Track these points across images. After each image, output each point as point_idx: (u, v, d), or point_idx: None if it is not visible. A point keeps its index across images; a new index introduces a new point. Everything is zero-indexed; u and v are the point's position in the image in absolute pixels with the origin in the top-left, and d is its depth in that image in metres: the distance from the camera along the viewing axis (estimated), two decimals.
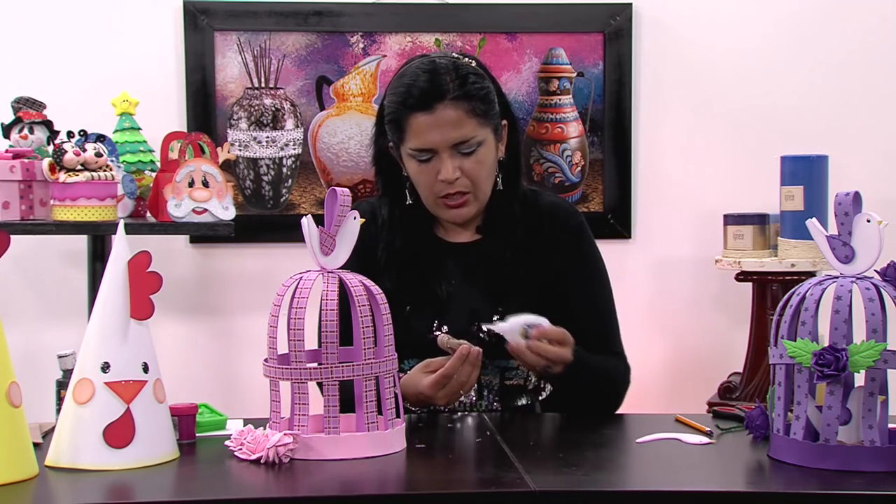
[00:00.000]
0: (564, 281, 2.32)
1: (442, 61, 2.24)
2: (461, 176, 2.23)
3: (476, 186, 2.26)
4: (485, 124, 2.24)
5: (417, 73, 2.23)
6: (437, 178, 2.23)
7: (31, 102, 3.12)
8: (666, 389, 3.70)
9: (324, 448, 1.81)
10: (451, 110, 2.20)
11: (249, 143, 3.59)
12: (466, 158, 2.23)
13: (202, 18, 3.54)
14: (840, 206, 1.83)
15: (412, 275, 2.31)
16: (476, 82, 2.23)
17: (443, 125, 2.20)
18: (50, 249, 3.49)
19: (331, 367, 1.82)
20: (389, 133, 2.29)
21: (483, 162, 2.25)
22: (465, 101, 2.21)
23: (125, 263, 1.82)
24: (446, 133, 2.20)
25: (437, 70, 2.22)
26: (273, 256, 3.62)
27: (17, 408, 1.73)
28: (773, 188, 3.39)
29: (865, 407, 1.77)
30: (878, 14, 3.70)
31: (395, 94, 2.26)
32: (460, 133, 2.21)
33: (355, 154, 3.62)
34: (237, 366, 3.64)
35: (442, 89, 2.20)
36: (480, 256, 2.33)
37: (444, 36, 3.62)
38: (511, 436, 1.99)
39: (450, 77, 2.21)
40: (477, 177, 2.25)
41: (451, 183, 2.23)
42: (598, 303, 2.35)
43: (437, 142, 2.21)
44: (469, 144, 2.22)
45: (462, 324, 2.25)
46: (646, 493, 1.74)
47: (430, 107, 2.20)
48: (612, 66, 3.65)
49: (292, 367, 1.83)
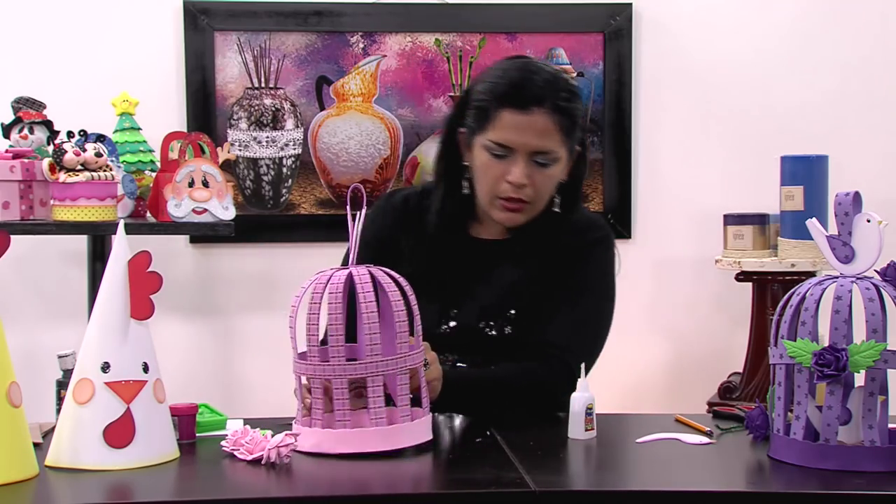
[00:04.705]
0: (561, 284, 2.30)
1: (548, 69, 2.23)
2: (528, 185, 2.21)
3: (537, 198, 2.24)
4: (566, 143, 2.22)
5: (523, 70, 2.21)
6: (505, 177, 2.20)
7: (31, 102, 3.12)
8: (666, 389, 3.70)
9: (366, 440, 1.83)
10: (544, 118, 2.17)
11: (249, 143, 3.59)
12: (539, 169, 2.20)
13: (202, 18, 3.54)
14: (840, 206, 1.83)
15: (434, 264, 2.30)
16: (573, 101, 2.21)
17: (531, 130, 2.18)
18: (50, 249, 3.49)
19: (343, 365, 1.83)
20: (470, 118, 2.24)
21: (552, 178, 2.23)
22: (558, 114, 2.18)
23: (125, 263, 1.82)
24: (532, 139, 2.18)
25: (542, 75, 2.20)
26: (273, 256, 3.62)
27: (17, 408, 1.73)
28: (773, 188, 3.39)
29: (865, 407, 1.77)
30: (878, 14, 3.70)
31: (492, 83, 2.22)
32: (544, 143, 2.19)
33: (355, 154, 3.62)
34: (237, 366, 3.64)
35: (543, 95, 2.17)
36: (503, 257, 2.30)
37: (444, 36, 3.62)
38: (511, 436, 1.99)
39: (553, 87, 2.19)
40: (542, 190, 2.23)
41: (517, 188, 2.21)
42: (577, 313, 2.26)
43: (519, 143, 2.18)
44: (547, 157, 2.20)
45: (470, 319, 2.26)
46: (646, 493, 1.73)
47: (527, 108, 2.17)
48: (612, 66, 3.66)
49: (307, 363, 1.85)
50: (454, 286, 2.28)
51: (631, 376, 3.60)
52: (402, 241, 2.33)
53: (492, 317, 2.26)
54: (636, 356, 3.59)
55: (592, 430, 1.98)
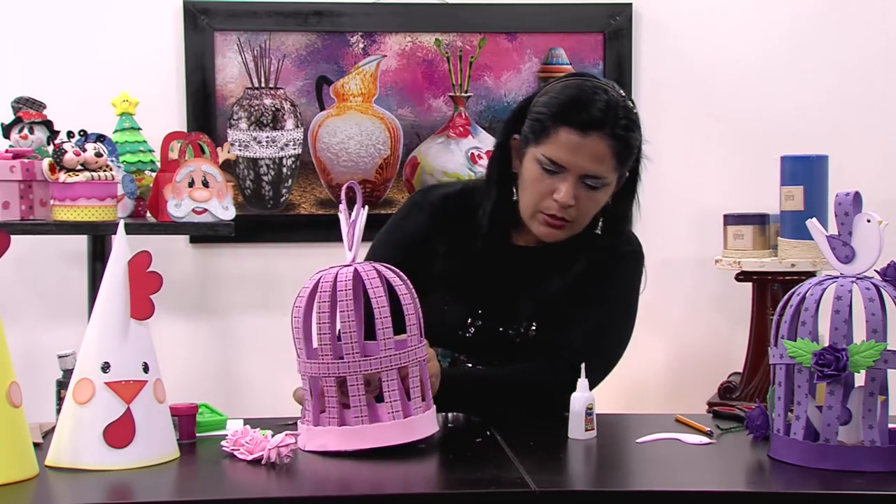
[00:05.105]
0: (585, 294, 2.29)
1: (612, 93, 2.19)
2: (574, 206, 2.19)
3: (580, 219, 2.22)
4: (618, 169, 2.20)
5: (592, 91, 2.18)
6: (553, 195, 2.18)
7: (31, 102, 3.12)
8: (666, 389, 3.70)
9: (365, 436, 1.84)
10: (602, 144, 2.15)
11: (249, 143, 3.59)
12: (587, 191, 2.19)
13: (202, 18, 3.54)
14: (840, 206, 1.83)
15: (468, 266, 2.29)
16: (632, 130, 2.19)
17: (587, 153, 2.15)
18: (50, 249, 3.49)
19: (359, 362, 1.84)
20: (528, 129, 2.22)
21: (598, 202, 2.22)
22: (617, 141, 2.16)
23: (125, 263, 1.82)
24: (586, 162, 2.16)
25: (609, 100, 2.16)
26: (273, 256, 3.62)
27: (18, 408, 1.73)
28: (773, 188, 3.39)
29: (865, 407, 1.77)
30: (878, 14, 3.70)
31: (556, 98, 2.19)
32: (597, 168, 2.17)
33: (355, 154, 3.62)
34: (237, 366, 3.64)
35: (605, 120, 2.15)
36: (536, 265, 2.29)
37: (444, 36, 3.62)
38: (511, 436, 1.99)
39: (617, 113, 2.16)
40: (586, 212, 2.22)
41: (563, 207, 2.19)
42: (595, 321, 2.25)
43: (572, 164, 2.16)
44: (597, 181, 2.18)
45: (495, 323, 2.25)
46: (646, 493, 1.73)
47: (587, 131, 2.14)
48: (612, 66, 3.65)
49: (318, 362, 1.85)
50: (483, 289, 2.28)
51: (631, 376, 3.59)
52: (436, 240, 2.31)
53: (516, 322, 2.25)
54: (636, 356, 3.56)
55: (592, 430, 1.98)
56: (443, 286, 2.24)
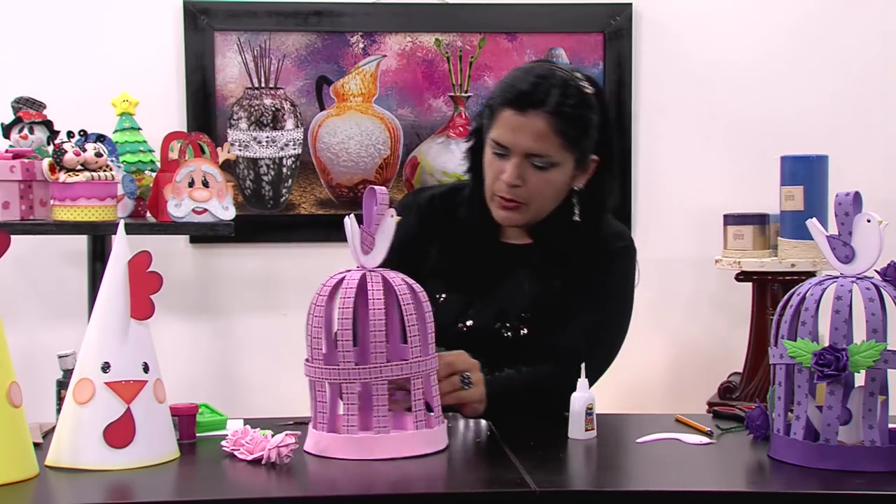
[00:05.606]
0: (581, 292, 2.30)
1: (559, 73, 2.22)
2: (522, 186, 2.21)
3: (533, 200, 2.24)
4: (567, 149, 2.21)
5: (530, 73, 2.22)
6: (500, 175, 2.23)
7: (31, 102, 3.12)
8: (666, 389, 3.70)
9: (375, 447, 1.83)
10: (540, 121, 2.18)
11: (249, 143, 3.59)
12: (535, 171, 2.21)
13: (202, 18, 3.54)
14: (840, 206, 1.83)
15: (458, 262, 2.30)
16: (578, 107, 2.20)
17: (525, 131, 2.18)
18: (50, 249, 3.49)
19: (380, 367, 1.83)
20: (484, 116, 2.28)
21: (550, 182, 2.23)
22: (557, 118, 2.18)
23: (125, 263, 1.82)
24: (526, 140, 2.19)
25: (547, 78, 2.20)
26: (273, 256, 3.62)
27: (18, 408, 1.73)
28: (773, 188, 3.39)
29: (865, 407, 1.77)
30: (879, 15, 3.70)
31: (503, 83, 2.26)
32: (540, 146, 2.19)
33: (355, 154, 3.62)
34: (237, 366, 3.64)
35: (540, 97, 2.18)
36: (526, 261, 2.31)
37: (444, 36, 3.62)
38: (511, 436, 1.99)
39: (557, 90, 2.18)
40: (537, 194, 2.23)
41: (510, 187, 2.21)
42: (589, 322, 2.26)
43: (514, 143, 2.20)
44: (543, 160, 2.20)
45: (488, 320, 2.26)
46: (646, 493, 1.74)
47: (523, 109, 2.18)
48: (612, 66, 3.65)
49: (340, 367, 1.83)
50: (475, 286, 2.29)
51: (631, 376, 3.59)
52: (427, 240, 2.34)
53: (509, 319, 2.26)
54: (636, 356, 3.57)
55: (592, 430, 1.98)
56: (435, 284, 2.24)
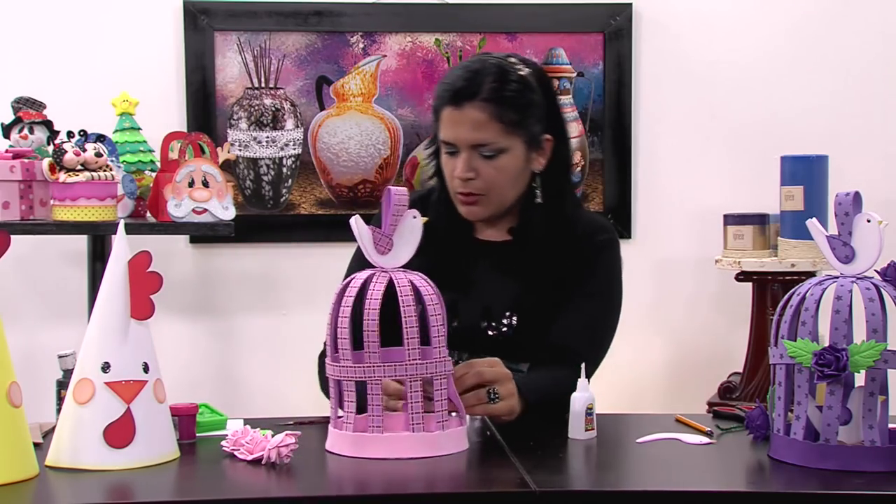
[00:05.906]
0: (569, 288, 2.30)
1: (491, 61, 2.23)
2: (476, 177, 2.23)
3: (491, 190, 2.25)
4: (512, 133, 2.21)
5: (463, 69, 2.24)
6: (454, 173, 2.25)
7: (31, 102, 3.12)
8: (666, 389, 3.70)
9: (378, 446, 1.83)
10: (476, 112, 2.19)
11: (249, 143, 3.59)
12: (485, 162, 2.22)
13: (202, 18, 3.54)
14: (840, 206, 1.83)
15: (440, 263, 2.29)
16: (515, 90, 2.21)
17: (465, 124, 2.20)
18: (50, 249, 3.49)
19: (416, 364, 1.84)
20: (433, 119, 2.30)
21: (503, 169, 2.23)
22: (494, 105, 2.19)
23: (125, 263, 1.82)
24: (466, 132, 2.21)
25: (478, 69, 2.22)
26: (273, 256, 3.62)
27: (18, 408, 1.73)
28: (773, 188, 3.39)
29: (865, 407, 1.77)
30: (879, 15, 3.70)
31: (440, 84, 2.28)
32: (480, 135, 2.20)
33: (355, 154, 3.62)
34: (237, 366, 3.64)
35: (473, 89, 2.19)
36: (507, 258, 2.31)
37: (444, 36, 3.62)
38: (511, 436, 1.99)
39: (489, 79, 2.20)
40: (492, 182, 2.24)
41: (465, 181, 2.24)
42: (584, 320, 2.26)
43: (458, 138, 2.22)
44: (489, 148, 2.21)
45: (474, 319, 2.27)
46: (646, 493, 1.73)
47: (459, 104, 2.20)
48: (612, 66, 3.66)
49: (366, 365, 1.83)
50: (458, 285, 2.29)
51: (631, 376, 3.59)
52: None
53: (493, 317, 2.26)
54: (636, 356, 3.59)
55: (592, 430, 1.98)
56: None
